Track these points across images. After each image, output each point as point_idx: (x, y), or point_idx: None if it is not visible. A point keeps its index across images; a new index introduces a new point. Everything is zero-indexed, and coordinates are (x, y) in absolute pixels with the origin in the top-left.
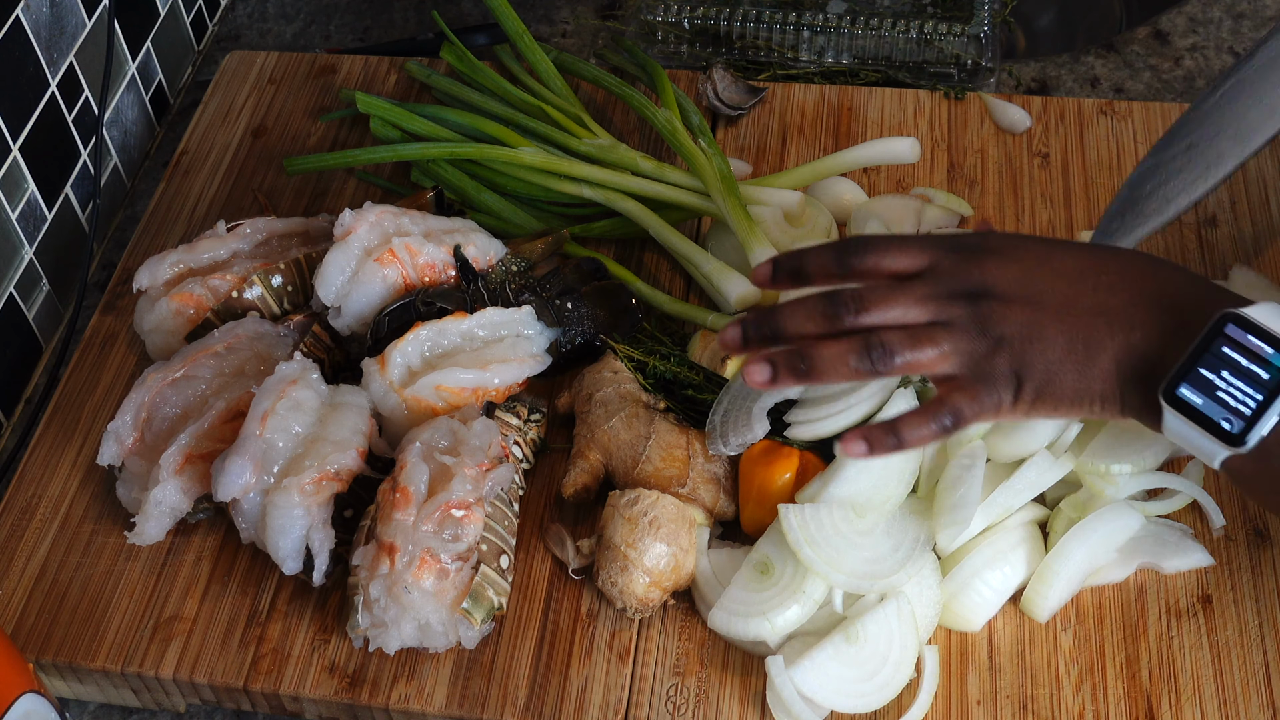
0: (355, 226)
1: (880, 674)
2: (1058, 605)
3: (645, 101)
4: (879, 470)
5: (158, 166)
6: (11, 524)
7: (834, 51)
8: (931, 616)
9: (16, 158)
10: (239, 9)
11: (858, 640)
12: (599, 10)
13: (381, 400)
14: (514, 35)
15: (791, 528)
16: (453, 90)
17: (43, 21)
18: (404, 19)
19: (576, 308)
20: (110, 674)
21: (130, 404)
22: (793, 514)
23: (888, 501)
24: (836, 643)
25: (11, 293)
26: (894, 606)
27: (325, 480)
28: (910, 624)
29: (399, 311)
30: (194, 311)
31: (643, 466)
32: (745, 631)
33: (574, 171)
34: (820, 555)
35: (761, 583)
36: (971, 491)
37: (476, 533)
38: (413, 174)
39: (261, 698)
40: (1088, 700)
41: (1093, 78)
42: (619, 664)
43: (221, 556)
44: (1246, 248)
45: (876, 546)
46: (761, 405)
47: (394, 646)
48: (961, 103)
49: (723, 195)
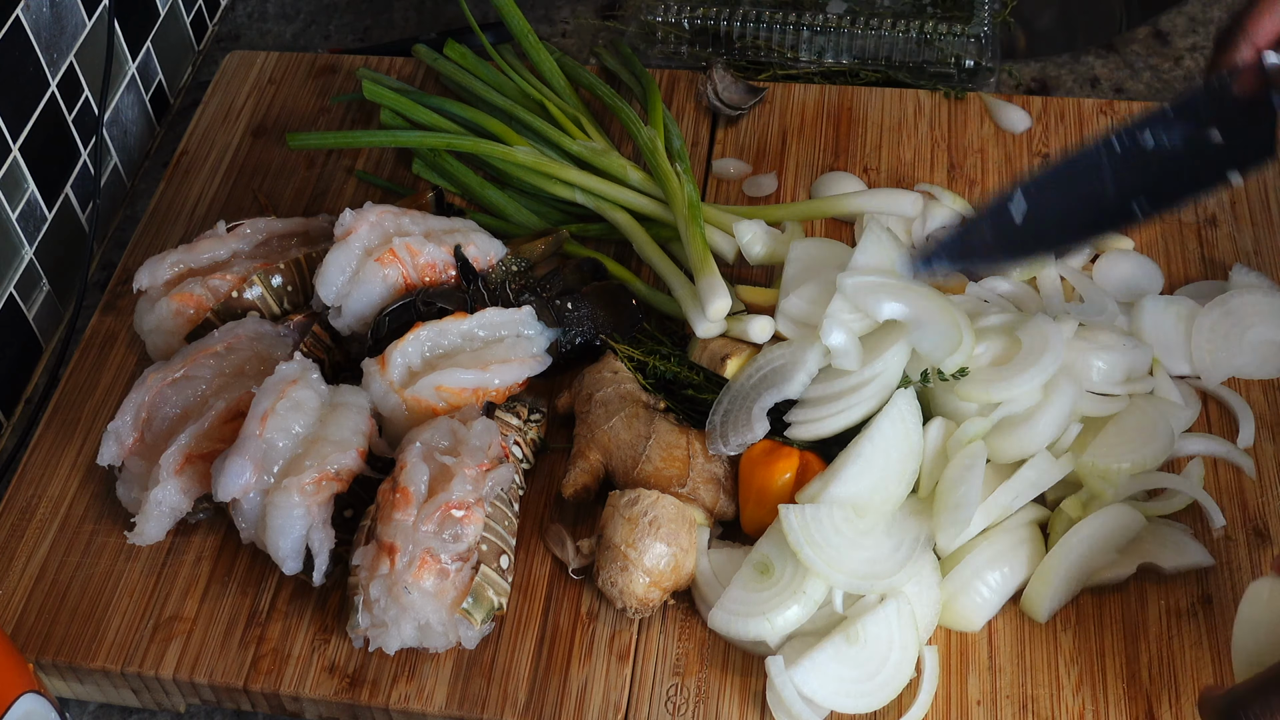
0: (356, 226)
1: (880, 674)
2: (1057, 605)
3: (633, 116)
4: (879, 471)
5: (158, 166)
6: (11, 524)
7: (834, 51)
8: (931, 616)
9: (16, 158)
10: (239, 9)
11: (858, 641)
12: (599, 10)
13: (382, 400)
14: (519, 34)
15: (792, 528)
16: (457, 77)
17: (43, 21)
18: (404, 19)
19: (576, 308)
20: (110, 674)
21: (130, 404)
22: (793, 514)
23: (888, 502)
24: (837, 643)
25: (11, 293)
26: (894, 607)
27: (325, 480)
28: (910, 624)
29: (399, 311)
30: (194, 311)
31: (643, 466)
32: (745, 632)
33: (565, 176)
34: (821, 556)
35: (761, 583)
36: (971, 492)
37: (476, 533)
38: (415, 165)
39: (261, 698)
40: (1088, 700)
41: (1093, 78)
42: (619, 664)
43: (221, 556)
44: (1246, 248)
45: (877, 547)
46: (761, 405)
47: (394, 646)
48: (961, 103)
49: (687, 221)
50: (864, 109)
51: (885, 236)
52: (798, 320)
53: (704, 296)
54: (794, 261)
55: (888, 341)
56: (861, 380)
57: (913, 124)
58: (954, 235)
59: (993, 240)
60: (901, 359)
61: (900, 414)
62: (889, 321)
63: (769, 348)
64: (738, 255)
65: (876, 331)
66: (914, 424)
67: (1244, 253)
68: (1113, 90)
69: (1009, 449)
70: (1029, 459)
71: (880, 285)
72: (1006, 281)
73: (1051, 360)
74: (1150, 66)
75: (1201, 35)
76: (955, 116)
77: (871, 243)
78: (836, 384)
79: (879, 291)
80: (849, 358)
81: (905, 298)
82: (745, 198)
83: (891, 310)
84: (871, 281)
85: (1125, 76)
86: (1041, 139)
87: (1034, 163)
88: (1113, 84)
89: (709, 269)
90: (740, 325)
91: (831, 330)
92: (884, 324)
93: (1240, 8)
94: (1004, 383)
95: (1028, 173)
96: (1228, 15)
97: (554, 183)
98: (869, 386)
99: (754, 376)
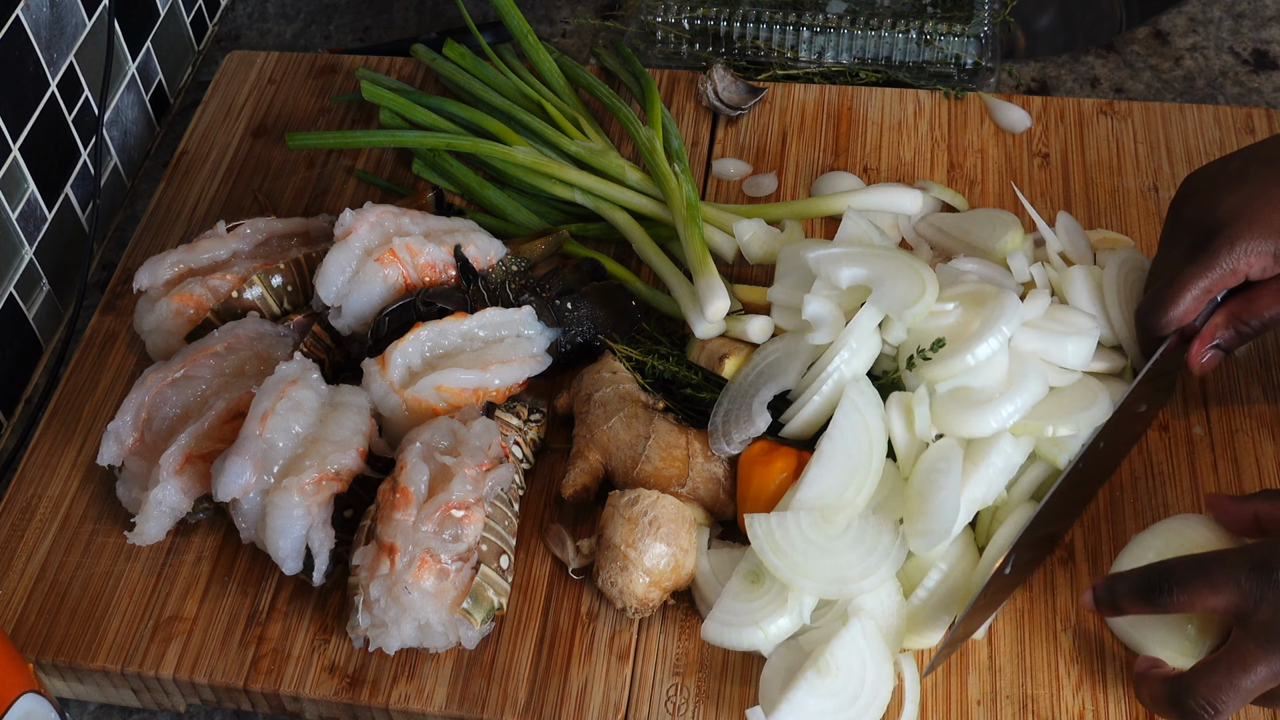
0: (356, 226)
1: (861, 697)
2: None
3: (631, 117)
4: (842, 468)
5: (158, 166)
6: (11, 524)
7: (834, 51)
8: (898, 624)
9: (16, 158)
10: (239, 9)
11: (830, 671)
12: (599, 10)
13: (382, 400)
14: (518, 34)
15: (756, 536)
16: (456, 77)
17: (43, 21)
18: (404, 19)
19: (576, 308)
20: (110, 674)
21: (130, 404)
22: (758, 523)
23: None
24: (810, 679)
25: (11, 293)
26: (858, 628)
27: (325, 480)
28: (877, 640)
29: (399, 311)
30: (194, 311)
31: (642, 466)
32: (739, 642)
33: (564, 176)
34: (786, 563)
35: (752, 592)
36: (949, 499)
37: (476, 533)
38: (414, 165)
39: (261, 698)
40: (1088, 700)
41: (1093, 78)
42: (619, 664)
43: (221, 556)
44: None
45: (845, 553)
46: (761, 399)
47: (394, 646)
48: (961, 103)
49: (685, 221)
50: (864, 109)
51: (863, 223)
52: (785, 306)
53: (703, 297)
54: (784, 261)
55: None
56: (829, 357)
57: (913, 124)
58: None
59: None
60: (869, 324)
61: (854, 405)
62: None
63: (764, 344)
64: (737, 255)
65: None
66: (872, 414)
67: None
68: (1113, 90)
69: (966, 426)
70: (993, 446)
71: (842, 255)
72: (973, 261)
73: (1004, 329)
74: (1150, 66)
75: (1201, 35)
76: (955, 116)
77: (850, 229)
78: (815, 367)
79: (840, 260)
80: (829, 329)
81: (864, 261)
82: (745, 197)
83: (851, 275)
84: (834, 253)
85: (1125, 76)
86: (1041, 139)
87: (1034, 163)
88: (1113, 84)
89: (708, 269)
90: (739, 325)
91: (809, 302)
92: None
93: (1156, 294)
94: (955, 358)
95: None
96: (1144, 299)
97: (553, 183)
98: (839, 356)
99: (751, 374)
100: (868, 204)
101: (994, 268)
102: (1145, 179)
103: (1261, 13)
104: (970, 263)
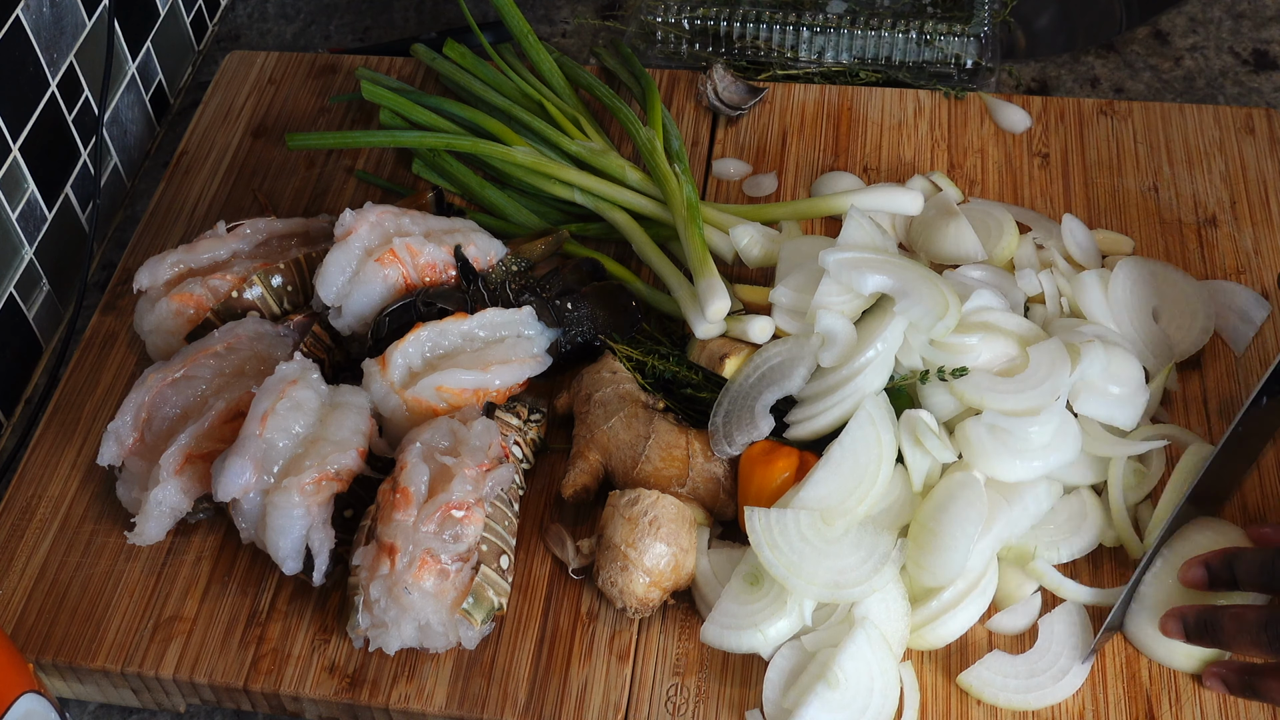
0: (356, 226)
1: (870, 707)
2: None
3: (631, 117)
4: (847, 475)
5: (158, 166)
6: (11, 524)
7: (834, 51)
8: (903, 631)
9: (16, 158)
10: (239, 9)
11: (839, 684)
12: (599, 10)
13: (382, 401)
14: (518, 34)
15: (754, 530)
16: (456, 77)
17: (43, 21)
18: (404, 19)
19: (576, 308)
20: (110, 674)
21: (130, 404)
22: (757, 517)
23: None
24: (820, 693)
25: (11, 293)
26: (863, 636)
27: (325, 480)
28: (883, 649)
29: (400, 312)
30: (194, 311)
31: (642, 466)
32: (738, 644)
33: (564, 176)
34: (782, 560)
35: (752, 594)
36: (963, 545)
37: (476, 533)
38: (414, 165)
39: (261, 698)
40: (1088, 700)
41: (1093, 78)
42: (619, 664)
43: (221, 556)
44: (1246, 248)
45: (844, 556)
46: (764, 402)
47: (394, 647)
48: (961, 103)
49: (685, 222)
50: (864, 109)
51: (866, 223)
52: (789, 309)
53: (703, 297)
54: (785, 260)
55: (879, 326)
56: (853, 370)
57: (913, 124)
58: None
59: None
60: (896, 338)
61: (869, 418)
62: (877, 309)
63: (766, 345)
64: (737, 255)
65: (866, 321)
66: (885, 427)
67: (1244, 252)
68: (1113, 90)
69: (1002, 469)
70: (1026, 486)
71: (863, 260)
72: (981, 269)
73: (1054, 385)
74: (1150, 66)
75: (1201, 35)
76: (955, 116)
77: (854, 229)
78: (831, 377)
79: (862, 266)
80: (842, 343)
81: (888, 270)
82: (745, 197)
83: (876, 283)
84: (854, 257)
85: (1125, 76)
86: (1041, 139)
87: (1034, 163)
88: (1113, 84)
89: (708, 270)
90: (740, 325)
91: (822, 317)
92: (872, 315)
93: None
94: (1002, 394)
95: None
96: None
97: (553, 183)
98: (863, 375)
99: (752, 375)
100: (867, 204)
101: (1001, 275)
102: (1145, 179)
103: (1261, 13)
104: (978, 270)
